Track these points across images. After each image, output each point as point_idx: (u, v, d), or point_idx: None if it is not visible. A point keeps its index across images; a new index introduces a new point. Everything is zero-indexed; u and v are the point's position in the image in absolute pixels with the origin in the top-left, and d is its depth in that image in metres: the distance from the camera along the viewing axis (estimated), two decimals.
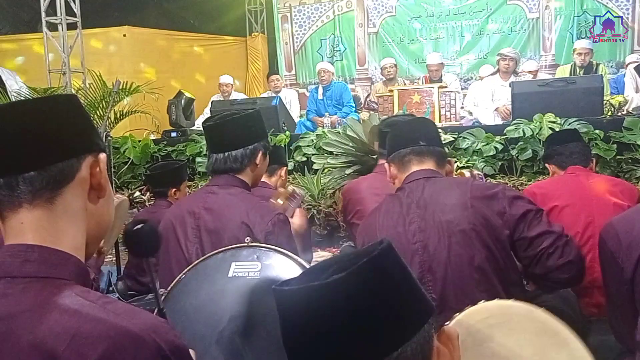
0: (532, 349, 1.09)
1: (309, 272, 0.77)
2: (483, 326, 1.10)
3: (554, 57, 8.15)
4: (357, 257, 0.73)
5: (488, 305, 1.15)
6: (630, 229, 1.52)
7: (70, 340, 0.72)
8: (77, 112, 0.88)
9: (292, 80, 9.34)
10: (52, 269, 0.81)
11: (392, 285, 0.74)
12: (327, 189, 4.19)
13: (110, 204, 0.93)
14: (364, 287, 0.71)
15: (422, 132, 1.92)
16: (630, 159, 4.08)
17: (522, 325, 1.12)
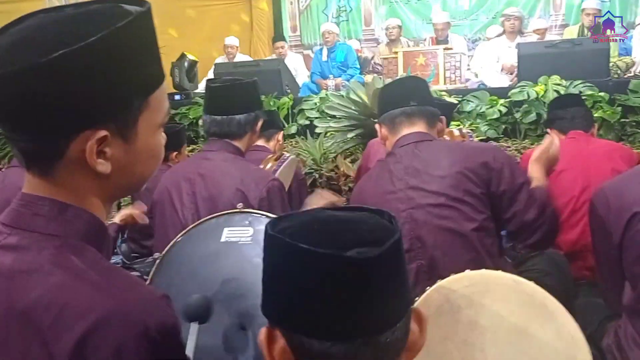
0: (514, 319, 1.09)
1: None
2: (463, 294, 1.11)
3: (564, 17, 7.99)
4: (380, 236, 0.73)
5: (471, 274, 1.16)
6: (620, 195, 1.53)
7: (58, 313, 0.68)
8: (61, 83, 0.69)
9: (297, 41, 9.22)
10: (60, 226, 0.75)
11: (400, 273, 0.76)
12: (329, 153, 4.19)
13: (145, 158, 0.82)
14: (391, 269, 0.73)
15: (413, 92, 1.90)
16: (634, 122, 4.04)
17: (506, 296, 1.12)
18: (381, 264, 0.69)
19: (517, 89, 4.35)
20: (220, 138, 2.01)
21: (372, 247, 0.69)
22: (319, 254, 0.67)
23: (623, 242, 1.51)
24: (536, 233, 1.75)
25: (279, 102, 4.97)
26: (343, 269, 0.68)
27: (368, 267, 0.68)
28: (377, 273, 0.69)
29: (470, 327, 1.09)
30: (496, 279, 1.17)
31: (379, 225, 0.75)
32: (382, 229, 0.74)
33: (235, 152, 2.01)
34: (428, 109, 1.90)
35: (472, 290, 1.12)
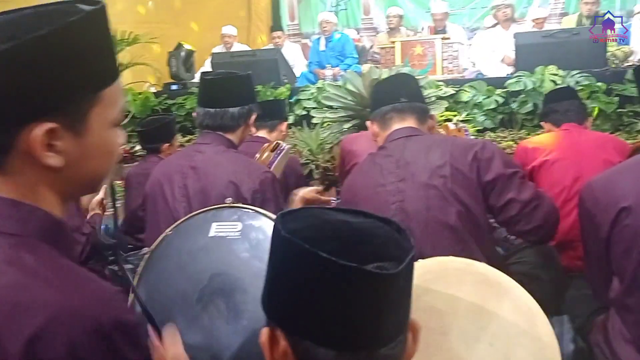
0: (471, 299, 1.12)
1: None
2: (420, 282, 1.12)
3: (564, 6, 7.95)
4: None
5: (425, 262, 1.19)
6: (608, 190, 1.54)
7: (9, 311, 0.67)
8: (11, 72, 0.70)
9: (296, 30, 9.18)
10: (14, 224, 0.74)
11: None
12: (326, 144, 4.19)
13: (102, 152, 0.81)
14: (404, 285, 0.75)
15: (403, 89, 1.91)
16: (631, 111, 4.03)
17: (460, 279, 1.15)
18: (398, 280, 0.71)
19: (514, 79, 4.34)
20: (213, 131, 2.02)
21: (390, 263, 0.70)
22: (340, 265, 0.67)
23: (611, 237, 1.51)
24: (534, 217, 1.74)
25: (276, 92, 4.96)
26: (362, 282, 0.68)
27: (386, 282, 0.70)
28: (392, 289, 0.71)
29: (429, 313, 1.11)
30: (448, 263, 1.20)
31: (391, 239, 0.76)
32: (395, 244, 0.75)
33: (228, 145, 2.01)
34: (418, 105, 1.91)
35: (427, 278, 1.14)
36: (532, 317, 1.10)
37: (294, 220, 0.75)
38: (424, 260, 1.19)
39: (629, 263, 1.47)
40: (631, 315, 1.51)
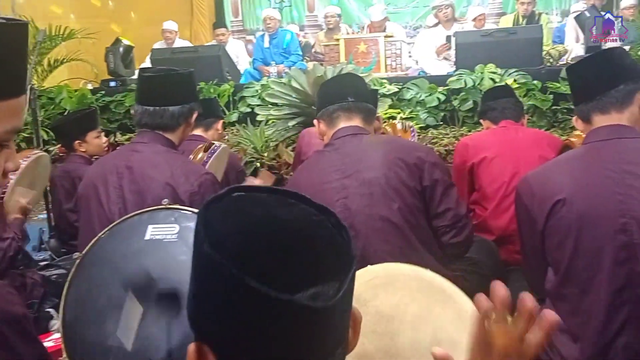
0: (417, 305, 1.12)
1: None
2: (368, 287, 1.13)
3: (502, 5, 8.18)
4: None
5: (373, 268, 1.19)
6: (543, 184, 1.58)
7: None
8: None
9: (239, 26, 9.09)
10: None
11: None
12: (271, 141, 4.17)
13: None
14: (346, 302, 0.65)
15: (350, 88, 1.92)
16: (565, 108, 4.18)
17: (407, 284, 1.15)
18: (338, 305, 0.62)
19: (455, 76, 4.43)
20: (151, 130, 1.95)
21: (330, 284, 0.61)
22: (273, 298, 0.57)
23: (546, 229, 1.55)
24: (464, 230, 1.82)
25: (219, 89, 4.89)
26: (297, 315, 0.59)
27: (325, 311, 0.61)
28: (332, 314, 0.63)
29: (377, 317, 1.11)
30: (396, 269, 1.20)
31: (331, 245, 0.65)
32: (335, 252, 0.65)
33: (167, 145, 1.95)
34: (365, 105, 1.92)
35: (376, 283, 1.15)
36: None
37: (220, 219, 0.64)
38: (372, 266, 1.19)
39: (563, 254, 1.52)
40: (566, 305, 1.55)
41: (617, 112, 1.57)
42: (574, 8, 6.72)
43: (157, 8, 8.11)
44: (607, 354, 1.47)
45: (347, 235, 0.67)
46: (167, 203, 1.45)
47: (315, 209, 0.68)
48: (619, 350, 1.45)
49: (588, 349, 1.49)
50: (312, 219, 0.67)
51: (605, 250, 1.45)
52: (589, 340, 1.49)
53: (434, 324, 1.12)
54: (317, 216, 0.67)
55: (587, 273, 1.48)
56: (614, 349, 1.46)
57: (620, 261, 1.43)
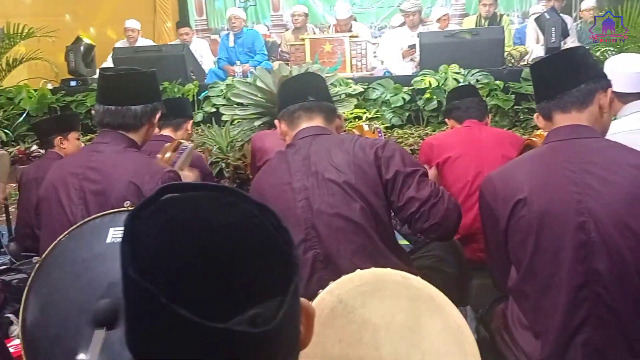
0: (405, 314, 1.11)
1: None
2: (355, 294, 1.11)
3: (464, 7, 8.30)
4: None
5: (362, 273, 1.16)
6: (506, 183, 1.60)
7: None
8: None
9: (204, 25, 9.00)
10: None
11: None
12: (236, 141, 4.14)
13: None
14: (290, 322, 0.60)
15: (311, 88, 1.91)
16: (526, 108, 4.28)
17: (396, 293, 1.13)
18: (281, 323, 0.57)
19: (420, 77, 4.48)
20: (113, 129, 1.91)
21: (271, 302, 0.56)
22: (206, 327, 0.52)
23: (508, 228, 1.58)
24: (434, 211, 1.75)
25: (183, 88, 4.84)
26: (233, 342, 0.54)
27: (264, 334, 0.56)
28: (275, 333, 0.57)
29: (364, 326, 1.09)
30: (385, 275, 1.17)
31: (272, 252, 0.60)
32: (277, 261, 0.60)
33: (130, 144, 1.91)
34: (326, 104, 1.91)
35: (364, 290, 1.12)
36: (461, 335, 1.12)
37: (147, 234, 0.57)
38: (361, 271, 1.16)
39: (524, 252, 1.54)
40: (527, 302, 1.58)
41: (577, 111, 1.61)
42: (534, 10, 6.87)
43: (119, 6, 7.97)
44: (567, 350, 1.50)
45: (289, 238, 0.62)
46: (129, 205, 1.42)
47: (255, 208, 0.62)
48: (579, 347, 1.48)
49: (549, 345, 1.52)
50: (250, 222, 0.61)
51: (564, 249, 1.48)
52: (550, 336, 1.52)
53: (422, 335, 1.10)
54: (257, 218, 0.61)
55: (547, 271, 1.51)
56: (574, 345, 1.49)
57: (580, 259, 1.46)
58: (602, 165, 1.52)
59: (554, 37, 4.62)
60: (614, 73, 2.17)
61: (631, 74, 2.18)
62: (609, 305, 1.45)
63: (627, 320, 1.46)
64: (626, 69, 2.21)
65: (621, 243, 1.43)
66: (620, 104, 2.21)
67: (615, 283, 1.44)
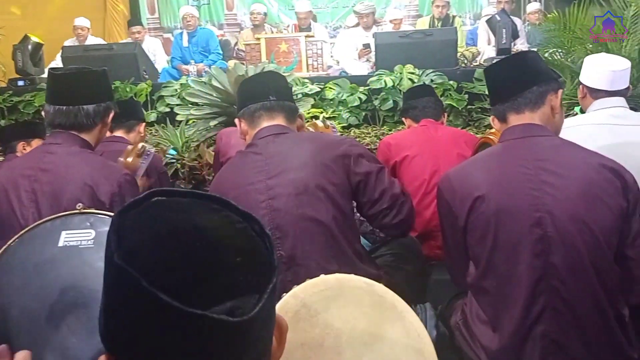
0: (367, 320, 1.11)
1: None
2: (319, 298, 1.11)
3: (418, 8, 8.41)
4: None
5: (326, 278, 1.16)
6: (463, 181, 1.63)
7: None
8: None
9: (156, 24, 8.83)
10: None
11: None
12: (192, 142, 4.07)
13: None
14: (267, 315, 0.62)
15: (272, 87, 1.89)
16: (479, 108, 4.35)
17: (359, 299, 1.13)
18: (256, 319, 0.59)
19: (375, 77, 4.50)
20: (65, 130, 1.85)
21: (247, 297, 0.58)
22: (185, 313, 0.54)
23: (467, 225, 1.61)
24: (404, 207, 1.82)
25: (136, 88, 4.73)
26: (213, 330, 0.56)
27: (242, 325, 0.58)
28: (250, 326, 0.59)
29: (327, 330, 1.09)
30: (350, 281, 1.17)
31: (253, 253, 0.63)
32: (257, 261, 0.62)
33: (83, 145, 1.86)
34: (288, 104, 1.90)
35: (328, 294, 1.12)
36: (420, 342, 1.13)
37: (134, 228, 0.60)
38: (325, 276, 1.16)
39: (483, 249, 1.57)
40: (486, 297, 1.61)
41: (530, 112, 1.65)
42: (485, 12, 7.02)
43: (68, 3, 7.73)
44: (525, 342, 1.53)
45: (270, 243, 0.64)
46: (81, 207, 1.37)
47: (239, 215, 0.65)
48: (537, 339, 1.52)
49: (507, 337, 1.55)
50: (234, 227, 0.64)
51: (522, 244, 1.51)
52: (508, 329, 1.55)
53: (383, 341, 1.11)
54: (240, 223, 0.64)
55: (506, 266, 1.54)
56: (532, 337, 1.52)
57: (537, 254, 1.50)
58: (556, 162, 1.56)
59: (504, 38, 4.72)
60: (590, 69, 2.30)
61: (605, 71, 2.27)
62: (564, 297, 1.50)
63: (582, 312, 1.51)
64: (601, 67, 2.31)
65: (576, 237, 1.48)
66: (592, 99, 2.30)
67: (570, 276, 1.49)
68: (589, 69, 2.33)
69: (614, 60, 2.34)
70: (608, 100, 2.29)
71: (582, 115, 2.41)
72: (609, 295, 1.52)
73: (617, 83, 2.28)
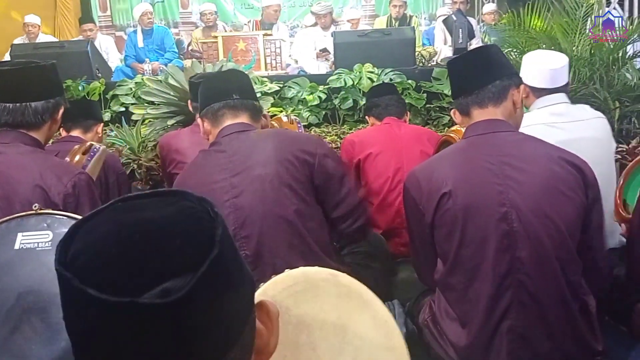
0: (337, 312, 1.10)
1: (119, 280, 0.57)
2: (288, 294, 1.08)
3: (374, 8, 8.47)
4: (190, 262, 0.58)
5: (293, 273, 1.13)
6: (430, 178, 1.62)
7: None
8: None
9: (108, 22, 8.61)
10: None
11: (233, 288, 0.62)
12: (149, 141, 3.97)
13: None
14: (214, 292, 0.59)
15: (236, 85, 1.86)
16: (438, 107, 4.40)
17: (326, 291, 1.11)
18: (196, 295, 0.56)
19: (335, 75, 4.50)
20: (13, 128, 1.76)
21: (182, 277, 0.56)
22: (112, 303, 0.54)
23: (434, 222, 1.60)
24: (362, 215, 1.83)
25: (88, 87, 4.59)
26: (145, 315, 0.55)
27: (177, 307, 0.55)
28: (190, 307, 0.56)
29: (300, 327, 1.07)
30: (315, 274, 1.15)
31: (195, 234, 0.61)
32: (197, 241, 0.60)
33: (33, 144, 1.77)
34: (252, 102, 1.87)
35: (296, 290, 1.10)
36: (388, 330, 1.13)
37: (83, 234, 0.61)
38: (291, 271, 1.13)
39: (451, 245, 1.57)
40: (454, 294, 1.62)
41: (493, 107, 1.66)
42: (440, 12, 7.12)
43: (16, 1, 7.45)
44: (493, 337, 1.54)
45: (216, 222, 0.63)
46: (37, 208, 1.30)
47: (194, 201, 0.65)
48: (504, 333, 1.53)
49: (475, 333, 1.56)
50: (184, 213, 0.63)
51: (489, 239, 1.52)
52: (476, 325, 1.56)
53: (353, 332, 1.10)
54: (192, 208, 0.64)
55: (473, 262, 1.54)
56: (499, 332, 1.53)
57: (503, 248, 1.51)
58: (519, 157, 1.58)
59: (461, 38, 4.80)
60: (529, 68, 2.32)
61: (545, 70, 2.30)
62: (530, 291, 1.51)
63: (547, 306, 1.52)
64: (541, 65, 2.34)
65: (541, 231, 1.49)
66: (534, 97, 2.34)
67: (536, 270, 1.50)
68: (529, 68, 2.33)
69: (552, 59, 2.38)
70: (550, 97, 2.33)
71: (527, 115, 2.45)
72: (572, 287, 1.54)
73: (556, 80, 2.32)
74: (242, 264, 0.66)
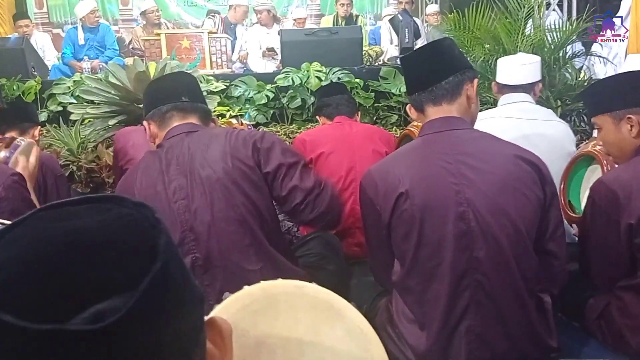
0: (303, 327, 0.99)
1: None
2: (245, 314, 0.96)
3: (320, 7, 8.46)
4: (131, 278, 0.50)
5: (251, 290, 1.00)
6: (386, 177, 1.58)
7: None
8: None
9: (44, 19, 8.26)
10: None
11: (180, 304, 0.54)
12: (88, 142, 3.80)
13: None
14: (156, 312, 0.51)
15: (185, 88, 1.78)
16: (386, 106, 4.42)
17: (291, 305, 1.00)
18: (136, 316, 0.49)
19: (282, 74, 4.44)
20: None
21: (119, 297, 0.48)
22: (30, 331, 0.45)
23: (391, 222, 1.56)
24: (320, 200, 1.73)
25: (24, 86, 4.37)
26: (70, 346, 0.46)
27: (112, 334, 0.47)
28: (127, 330, 0.49)
29: (258, 350, 0.96)
30: (276, 288, 1.03)
31: (134, 247, 0.53)
32: (138, 254, 0.53)
33: None
34: (201, 106, 1.80)
35: (255, 309, 0.98)
36: (365, 339, 1.03)
37: (6, 244, 0.52)
38: (249, 288, 1.02)
39: (408, 246, 1.54)
40: (412, 296, 1.58)
41: (447, 103, 1.64)
42: (386, 12, 7.18)
43: None
44: (451, 339, 1.52)
45: (158, 231, 0.55)
46: None
47: (131, 208, 0.56)
48: (462, 334, 1.51)
49: (434, 335, 1.53)
50: (120, 222, 0.55)
51: (446, 239, 1.49)
52: (435, 326, 1.53)
53: (324, 346, 0.99)
54: (129, 216, 0.55)
55: (431, 262, 1.52)
56: (458, 333, 1.51)
57: (461, 248, 1.49)
58: (475, 155, 1.56)
59: (407, 37, 4.83)
60: (499, 66, 2.39)
61: (506, 67, 2.35)
62: (487, 291, 1.50)
63: (504, 306, 1.51)
64: (506, 62, 2.39)
65: (498, 230, 1.48)
66: (500, 94, 2.40)
67: (493, 269, 1.49)
68: (500, 66, 2.44)
69: (518, 57, 2.44)
70: (512, 95, 2.37)
71: (493, 109, 2.49)
72: (528, 286, 1.54)
73: (516, 77, 2.38)
74: (189, 277, 0.58)
